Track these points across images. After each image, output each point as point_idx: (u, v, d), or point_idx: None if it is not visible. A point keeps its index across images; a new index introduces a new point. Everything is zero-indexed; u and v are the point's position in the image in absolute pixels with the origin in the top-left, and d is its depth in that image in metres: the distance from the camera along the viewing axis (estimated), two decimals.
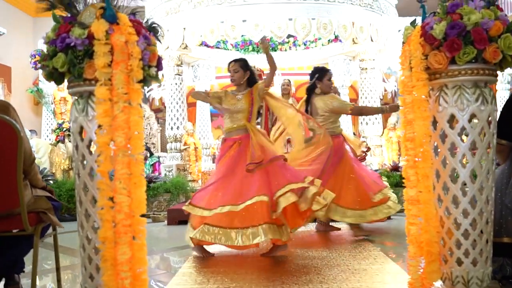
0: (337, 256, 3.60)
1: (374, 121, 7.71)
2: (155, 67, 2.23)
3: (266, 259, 3.64)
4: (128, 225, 2.03)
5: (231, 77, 4.02)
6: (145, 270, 2.07)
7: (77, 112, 2.17)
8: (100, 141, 2.03)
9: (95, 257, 2.13)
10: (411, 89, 2.30)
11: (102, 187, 2.03)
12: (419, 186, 2.23)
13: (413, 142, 2.27)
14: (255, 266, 3.46)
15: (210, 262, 3.61)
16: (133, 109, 2.08)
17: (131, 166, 2.06)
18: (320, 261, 3.46)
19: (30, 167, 2.38)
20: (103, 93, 2.03)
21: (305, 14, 6.63)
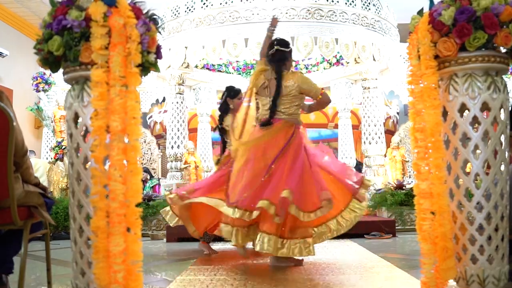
0: (342, 264, 3.46)
1: (378, 140, 7.62)
2: (154, 53, 2.16)
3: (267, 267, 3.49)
4: (122, 214, 1.91)
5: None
6: (140, 264, 1.94)
7: (72, 98, 2.08)
8: (95, 125, 1.93)
9: (86, 251, 2.01)
10: (420, 78, 2.21)
11: (96, 174, 1.92)
12: (431, 178, 2.11)
13: (423, 132, 2.17)
14: (256, 275, 3.31)
15: (210, 271, 3.45)
16: (130, 93, 1.99)
17: (127, 153, 1.96)
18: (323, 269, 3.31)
19: (22, 160, 2.27)
20: (99, 75, 1.94)
21: (307, 33, 6.61)
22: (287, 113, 3.72)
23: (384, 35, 7.22)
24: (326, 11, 6.66)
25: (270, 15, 6.49)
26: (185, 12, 6.95)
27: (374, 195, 6.97)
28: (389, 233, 5.81)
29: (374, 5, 7.16)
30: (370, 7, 7.08)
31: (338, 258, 4.03)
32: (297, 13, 6.58)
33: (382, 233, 5.78)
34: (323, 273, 3.28)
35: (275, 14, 5.15)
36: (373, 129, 7.66)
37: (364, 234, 5.77)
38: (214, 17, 6.66)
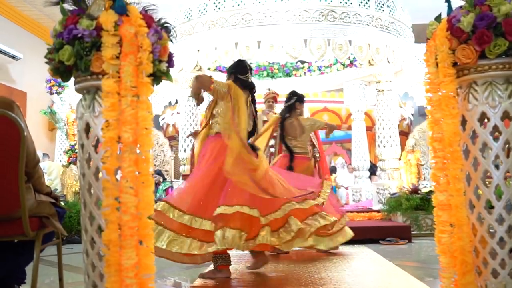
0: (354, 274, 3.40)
1: (392, 144, 7.52)
2: (166, 62, 2.12)
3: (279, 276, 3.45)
4: (135, 227, 1.88)
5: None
6: (152, 277, 1.91)
7: (83, 108, 2.05)
8: (107, 136, 1.90)
9: (99, 263, 1.98)
10: (438, 86, 2.15)
11: (108, 186, 1.89)
12: (449, 189, 2.05)
13: (441, 142, 2.11)
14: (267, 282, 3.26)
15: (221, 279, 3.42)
16: (142, 104, 1.96)
17: (139, 164, 1.93)
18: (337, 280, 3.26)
19: (33, 170, 2.25)
20: (110, 85, 1.91)
21: (321, 35, 6.56)
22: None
23: (398, 37, 7.14)
24: (339, 13, 6.60)
25: (282, 18, 6.47)
26: (197, 14, 6.93)
27: (389, 200, 6.88)
28: (404, 239, 5.72)
29: (388, 6, 7.08)
30: (384, 9, 7.00)
31: (353, 266, 3.97)
32: (310, 15, 6.53)
33: (398, 238, 5.69)
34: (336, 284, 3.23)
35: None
36: (387, 132, 7.57)
37: (379, 239, 5.69)
38: (226, 19, 6.63)
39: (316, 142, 7.44)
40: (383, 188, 7.37)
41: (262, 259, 3.72)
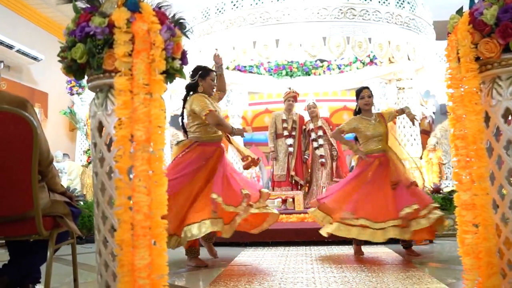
0: (376, 277, 3.32)
1: (413, 142, 7.39)
2: (180, 59, 2.09)
3: (298, 277, 3.39)
4: (147, 227, 1.85)
5: (366, 101, 4.70)
6: (165, 278, 1.88)
7: (96, 107, 2.03)
8: (119, 135, 1.88)
9: (112, 263, 1.95)
10: (460, 81, 2.08)
11: (120, 185, 1.87)
12: (473, 188, 1.97)
13: (464, 140, 2.03)
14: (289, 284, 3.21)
15: (238, 279, 3.38)
16: (154, 102, 1.93)
17: (152, 163, 1.90)
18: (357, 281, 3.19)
19: (47, 169, 2.24)
20: (123, 83, 1.89)
21: (340, 33, 6.47)
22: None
23: (419, 34, 7.01)
24: (358, 10, 6.51)
25: (301, 15, 6.40)
26: (215, 13, 6.91)
27: None
28: (426, 239, 5.60)
29: (408, 3, 6.96)
30: (404, 5, 6.88)
31: (374, 267, 3.89)
32: (329, 13, 6.45)
33: None
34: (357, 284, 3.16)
35: (216, 50, 5.13)
36: (408, 131, 7.44)
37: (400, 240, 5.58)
38: (244, 18, 6.60)
39: (334, 142, 7.39)
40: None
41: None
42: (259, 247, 5.36)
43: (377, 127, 4.64)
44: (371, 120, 4.68)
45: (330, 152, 7.36)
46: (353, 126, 4.71)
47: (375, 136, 4.63)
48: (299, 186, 7.33)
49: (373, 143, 4.65)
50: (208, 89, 4.39)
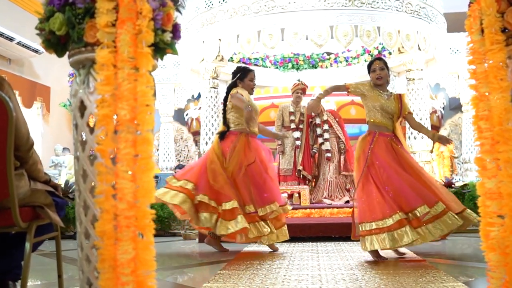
0: (387, 275, 3.10)
1: (423, 135, 7.14)
2: (170, 32, 1.88)
3: (303, 275, 3.18)
4: (132, 217, 1.64)
5: (377, 74, 4.08)
6: (153, 274, 1.67)
7: (77, 84, 1.83)
8: (101, 114, 1.67)
9: (94, 258, 1.75)
10: (483, 56, 1.85)
11: (102, 170, 1.66)
12: (499, 175, 1.75)
13: (488, 121, 1.81)
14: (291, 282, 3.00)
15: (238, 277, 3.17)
16: (141, 77, 1.71)
17: (137, 146, 1.69)
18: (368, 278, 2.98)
19: (27, 154, 2.04)
20: (105, 56, 1.68)
21: (347, 21, 6.22)
22: None
23: (430, 23, 6.75)
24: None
25: (307, 4, 6.17)
26: (219, 3, 6.68)
27: None
28: None
29: None
30: None
31: (384, 262, 3.68)
32: (336, 1, 6.21)
33: None
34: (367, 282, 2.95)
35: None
36: None
37: None
38: (248, 7, 6.37)
39: (342, 134, 7.17)
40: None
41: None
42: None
43: (390, 103, 4.04)
44: (383, 94, 4.09)
45: (337, 145, 7.15)
46: (361, 90, 4.12)
47: (384, 110, 4.02)
48: (306, 181, 7.13)
49: (382, 117, 4.04)
50: (247, 90, 4.73)
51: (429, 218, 3.76)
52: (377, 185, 3.86)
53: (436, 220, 3.77)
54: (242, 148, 4.55)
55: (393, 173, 3.87)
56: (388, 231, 3.67)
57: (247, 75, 4.77)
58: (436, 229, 3.75)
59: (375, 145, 3.98)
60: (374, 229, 3.72)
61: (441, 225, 3.76)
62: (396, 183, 3.83)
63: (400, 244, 3.68)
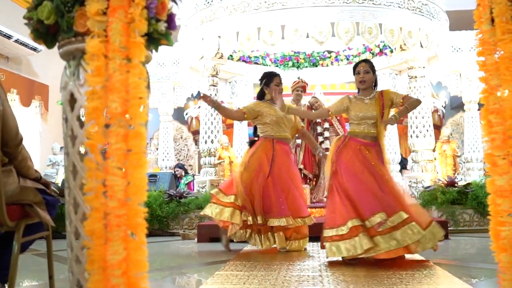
0: (391, 276, 3.01)
1: (426, 134, 7.05)
2: (165, 22, 1.79)
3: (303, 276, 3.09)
4: (122, 215, 1.55)
5: (361, 78, 3.83)
6: (145, 276, 1.58)
7: (67, 77, 1.73)
8: (90, 107, 1.58)
9: (84, 258, 1.66)
10: (494, 47, 1.77)
11: (91, 166, 1.57)
12: (511, 172, 1.66)
13: (499, 115, 1.72)
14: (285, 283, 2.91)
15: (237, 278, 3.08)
16: (133, 68, 1.62)
17: (129, 140, 1.60)
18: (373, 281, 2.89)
19: (15, 150, 1.95)
20: (95, 46, 1.59)
21: (349, 18, 6.13)
22: None
23: (432, 20, 6.66)
24: None
25: (308, 0, 6.09)
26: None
27: (423, 193, 6.44)
28: None
29: None
30: None
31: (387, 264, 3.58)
32: None
33: None
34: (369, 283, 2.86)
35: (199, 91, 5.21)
36: (420, 121, 7.10)
37: None
38: (248, 3, 6.28)
39: (342, 133, 7.08)
40: (416, 181, 6.93)
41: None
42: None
43: (371, 106, 3.79)
44: (365, 99, 3.84)
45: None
46: (343, 106, 3.90)
47: (365, 118, 3.78)
48: (307, 180, 7.04)
49: (364, 126, 3.81)
50: (273, 96, 4.56)
51: (387, 228, 3.50)
52: (339, 191, 3.70)
53: (395, 231, 3.49)
54: (263, 154, 4.45)
55: (356, 178, 3.69)
56: (342, 239, 3.53)
57: (273, 80, 4.63)
58: (392, 239, 3.49)
59: (343, 149, 3.81)
60: (334, 236, 3.58)
61: (400, 235, 3.48)
62: (357, 188, 3.65)
63: (356, 252, 3.47)
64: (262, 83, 4.71)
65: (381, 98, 3.79)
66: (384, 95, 3.81)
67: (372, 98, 3.82)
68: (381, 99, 3.78)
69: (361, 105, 3.82)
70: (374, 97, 3.82)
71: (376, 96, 3.82)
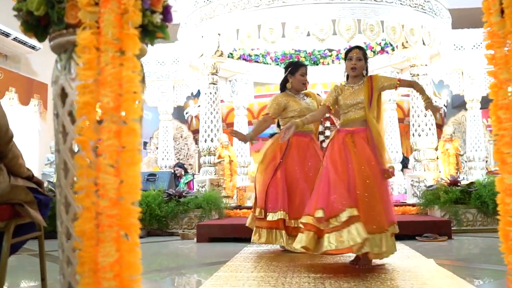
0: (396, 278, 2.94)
1: (428, 132, 6.97)
2: (161, 14, 1.71)
3: (304, 277, 3.02)
4: (115, 215, 1.48)
5: (353, 64, 3.64)
6: (139, 279, 1.51)
7: (58, 71, 1.66)
8: (81, 101, 1.51)
9: (75, 260, 1.59)
10: (504, 39, 1.69)
11: (82, 163, 1.50)
12: None
13: (509, 110, 1.65)
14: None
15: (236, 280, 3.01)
16: (127, 61, 1.54)
17: (122, 137, 1.52)
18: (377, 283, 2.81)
19: (6, 147, 1.88)
20: (87, 38, 1.51)
21: (350, 15, 6.04)
22: None
23: (434, 17, 6.58)
24: None
25: None
26: None
27: (425, 192, 6.35)
28: (443, 235, 5.22)
29: None
30: None
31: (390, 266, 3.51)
32: None
33: (436, 234, 5.18)
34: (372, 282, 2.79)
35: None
36: (422, 120, 7.02)
37: (415, 235, 5.21)
38: (248, 0, 6.20)
39: None
40: (418, 180, 6.84)
41: None
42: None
43: (358, 92, 3.62)
44: (354, 86, 3.66)
45: None
46: (333, 96, 3.69)
47: (352, 105, 3.61)
48: None
49: (351, 113, 3.62)
50: (297, 85, 4.50)
51: (335, 226, 3.22)
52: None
53: (341, 229, 3.19)
54: (278, 146, 4.38)
55: (325, 171, 3.51)
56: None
57: (298, 69, 4.51)
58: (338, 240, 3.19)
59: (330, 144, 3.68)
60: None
61: (344, 235, 3.17)
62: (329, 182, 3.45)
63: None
64: (287, 71, 4.58)
65: (370, 82, 3.64)
66: (373, 79, 3.66)
67: (361, 84, 3.67)
68: (370, 83, 3.63)
69: (350, 91, 3.66)
70: (363, 82, 3.67)
71: (365, 81, 3.67)
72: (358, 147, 3.52)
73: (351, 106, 3.62)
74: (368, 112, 3.57)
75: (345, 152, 3.52)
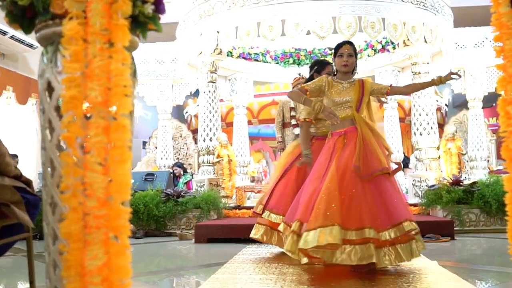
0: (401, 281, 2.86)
1: (430, 131, 6.88)
2: (153, 4, 1.63)
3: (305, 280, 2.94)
4: (103, 216, 1.40)
5: (344, 61, 3.54)
6: (129, 283, 1.43)
7: (44, 64, 1.58)
8: (68, 95, 1.42)
9: (62, 264, 1.50)
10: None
11: (68, 161, 1.42)
12: None
13: None
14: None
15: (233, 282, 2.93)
16: (116, 53, 1.47)
17: (111, 133, 1.44)
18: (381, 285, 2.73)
19: None
20: (73, 29, 1.43)
21: (351, 12, 5.95)
22: None
23: (436, 15, 6.49)
24: None
25: None
26: None
27: (427, 192, 6.27)
28: (446, 235, 5.13)
29: None
30: None
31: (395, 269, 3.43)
32: None
33: (439, 235, 5.10)
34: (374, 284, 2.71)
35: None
36: (424, 119, 6.93)
37: None
38: None
39: None
40: (419, 180, 6.76)
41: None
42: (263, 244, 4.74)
43: (347, 91, 3.54)
44: (343, 83, 3.58)
45: None
46: (319, 85, 3.58)
47: (340, 103, 3.52)
48: None
49: (337, 112, 3.51)
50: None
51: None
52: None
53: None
54: (291, 150, 4.39)
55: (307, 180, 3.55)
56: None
57: (325, 68, 4.37)
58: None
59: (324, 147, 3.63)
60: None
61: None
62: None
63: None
64: (312, 70, 4.49)
65: (361, 85, 3.58)
66: (365, 83, 3.60)
67: (351, 83, 3.59)
68: (362, 86, 3.57)
69: (338, 88, 3.57)
70: (353, 83, 3.59)
71: (356, 83, 3.59)
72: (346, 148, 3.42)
73: (338, 104, 3.53)
74: (355, 111, 3.50)
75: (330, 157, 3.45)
